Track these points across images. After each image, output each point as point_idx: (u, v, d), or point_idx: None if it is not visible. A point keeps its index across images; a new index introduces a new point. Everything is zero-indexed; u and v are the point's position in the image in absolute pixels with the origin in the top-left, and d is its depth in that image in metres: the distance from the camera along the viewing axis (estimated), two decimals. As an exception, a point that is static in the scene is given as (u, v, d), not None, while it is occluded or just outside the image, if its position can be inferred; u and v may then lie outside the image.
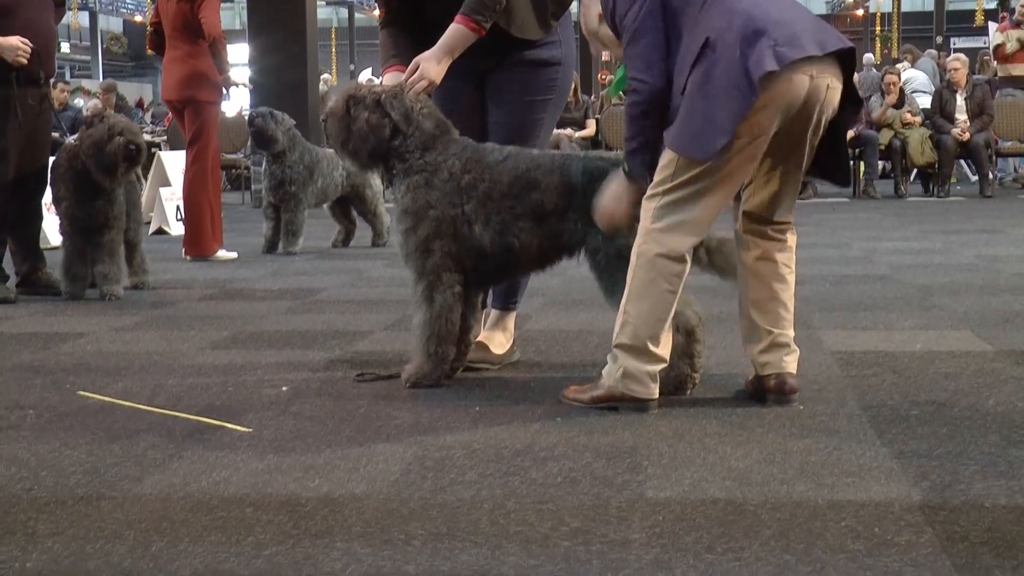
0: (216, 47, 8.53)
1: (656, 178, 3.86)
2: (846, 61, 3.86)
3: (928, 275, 7.24)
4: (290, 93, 13.30)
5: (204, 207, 8.77)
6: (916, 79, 17.07)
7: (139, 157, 6.78)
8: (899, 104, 14.67)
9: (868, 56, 22.50)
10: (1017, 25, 15.55)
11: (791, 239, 4.05)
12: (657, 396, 3.92)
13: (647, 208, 3.86)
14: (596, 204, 4.04)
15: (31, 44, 6.66)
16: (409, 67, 4.42)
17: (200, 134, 8.69)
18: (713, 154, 3.71)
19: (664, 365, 3.94)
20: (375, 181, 9.66)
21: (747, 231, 4.03)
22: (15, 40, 6.62)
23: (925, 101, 15.54)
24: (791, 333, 4.02)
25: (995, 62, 16.27)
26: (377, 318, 6.02)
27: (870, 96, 15.12)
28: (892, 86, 14.73)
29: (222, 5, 8.81)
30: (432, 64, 4.38)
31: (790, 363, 3.99)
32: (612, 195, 4.00)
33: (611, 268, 4.13)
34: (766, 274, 4.00)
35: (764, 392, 4.00)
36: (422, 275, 4.29)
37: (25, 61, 6.66)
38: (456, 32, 4.40)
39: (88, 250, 6.86)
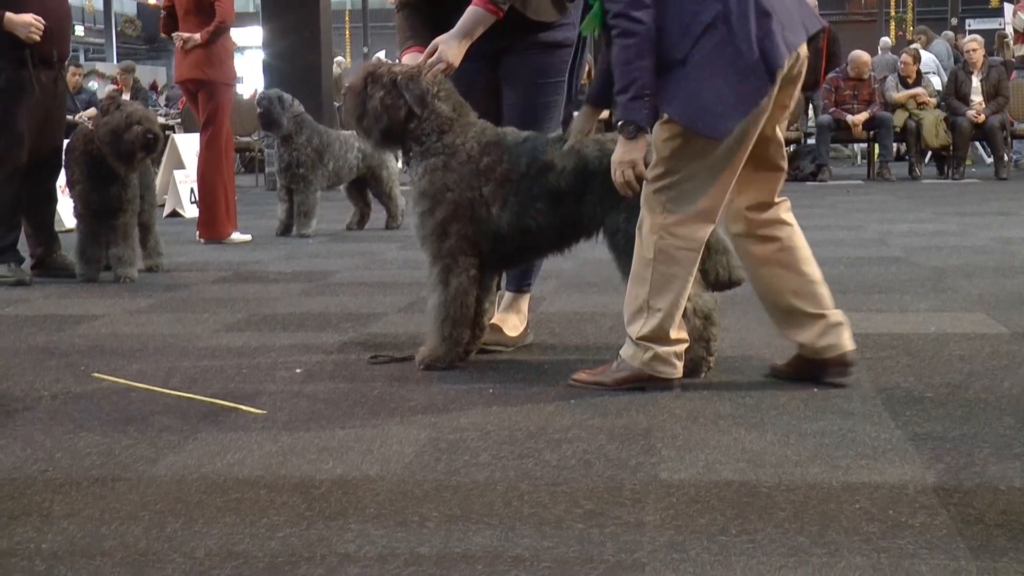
0: (221, 30, 8.52)
1: (658, 169, 3.83)
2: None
3: (943, 257, 7.22)
4: (304, 76, 13.31)
5: (218, 189, 8.77)
6: (923, 60, 16.99)
7: (156, 146, 6.78)
8: (914, 83, 14.63)
9: (884, 40, 22.40)
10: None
11: (791, 216, 4.03)
12: (681, 373, 3.95)
13: (654, 200, 3.83)
14: (612, 179, 3.95)
15: (44, 22, 6.65)
16: (428, 49, 4.41)
17: (214, 116, 8.68)
18: (724, 134, 3.70)
19: (687, 343, 3.96)
20: (391, 163, 9.67)
21: (757, 226, 3.99)
22: (28, 17, 6.60)
23: (933, 82, 15.49)
24: (836, 308, 4.01)
25: (1014, 43, 16.15)
26: (391, 300, 6.02)
27: (885, 77, 15.08)
28: (906, 66, 14.70)
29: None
30: (451, 46, 4.36)
31: (849, 338, 3.98)
32: (621, 163, 3.87)
33: (630, 248, 4.11)
34: (793, 261, 3.97)
35: (822, 370, 3.97)
36: (438, 257, 4.29)
37: (38, 38, 6.64)
38: (474, 14, 4.39)
39: (102, 233, 6.87)
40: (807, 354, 4.01)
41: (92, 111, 14.90)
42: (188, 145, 11.49)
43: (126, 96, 16.09)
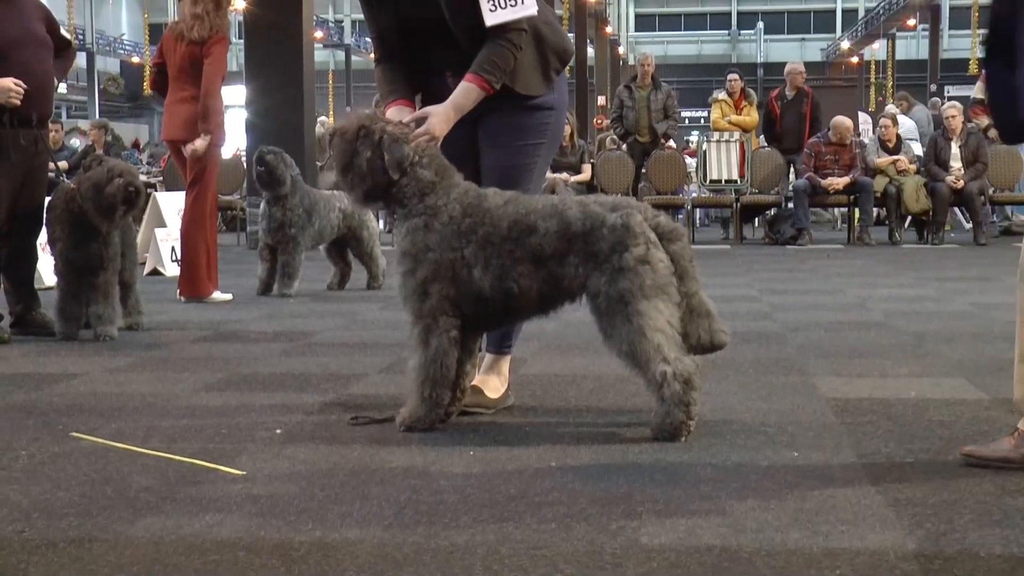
0: (205, 99, 8.46)
1: None
2: None
3: (922, 322, 7.24)
4: (287, 135, 13.31)
5: (200, 248, 8.75)
6: (902, 126, 17.12)
7: (138, 200, 6.78)
8: (895, 150, 14.77)
9: (890, 107, 22.54)
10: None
11: None
12: None
13: None
14: None
15: (25, 86, 6.68)
16: (417, 115, 4.45)
17: (201, 175, 8.67)
18: None
19: None
20: (371, 223, 9.69)
21: None
22: (8, 82, 6.63)
23: (913, 148, 15.62)
24: None
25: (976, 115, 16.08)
26: (372, 361, 6.01)
27: (865, 143, 15.20)
28: (886, 130, 14.84)
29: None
30: (440, 121, 4.40)
31: None
32: None
33: (611, 311, 4.12)
34: None
35: None
36: (419, 318, 4.29)
37: (18, 103, 6.67)
38: (466, 90, 4.44)
39: (83, 291, 6.86)
40: None
41: (64, 164, 15.00)
42: (170, 203, 11.50)
43: (99, 151, 16.15)
